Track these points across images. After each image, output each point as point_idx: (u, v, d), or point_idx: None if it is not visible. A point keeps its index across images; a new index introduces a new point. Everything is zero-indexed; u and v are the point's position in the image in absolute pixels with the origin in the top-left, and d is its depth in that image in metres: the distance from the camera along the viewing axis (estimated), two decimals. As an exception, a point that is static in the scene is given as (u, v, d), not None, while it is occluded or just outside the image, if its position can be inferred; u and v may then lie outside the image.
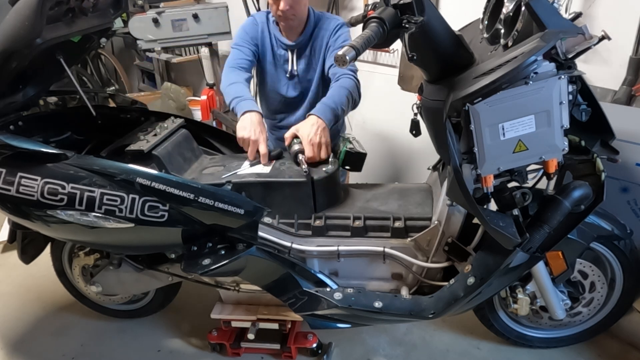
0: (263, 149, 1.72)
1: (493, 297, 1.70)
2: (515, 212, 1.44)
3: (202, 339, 2.01)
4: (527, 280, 1.62)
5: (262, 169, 1.68)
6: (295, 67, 2.04)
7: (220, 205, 1.52)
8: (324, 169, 1.66)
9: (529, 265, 1.45)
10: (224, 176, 1.66)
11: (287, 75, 2.06)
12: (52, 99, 1.99)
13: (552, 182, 1.42)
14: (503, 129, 1.26)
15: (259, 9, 2.99)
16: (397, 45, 1.33)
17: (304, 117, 1.82)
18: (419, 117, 1.55)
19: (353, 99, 1.86)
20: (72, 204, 1.51)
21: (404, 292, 1.64)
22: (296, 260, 1.65)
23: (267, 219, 1.66)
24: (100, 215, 1.52)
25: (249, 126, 1.72)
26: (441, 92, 1.33)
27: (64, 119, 1.91)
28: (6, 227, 1.93)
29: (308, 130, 1.68)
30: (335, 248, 1.64)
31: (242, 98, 1.81)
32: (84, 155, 1.66)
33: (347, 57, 1.12)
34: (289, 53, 2.02)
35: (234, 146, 1.96)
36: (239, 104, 1.80)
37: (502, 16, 1.32)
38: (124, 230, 1.54)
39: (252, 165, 1.72)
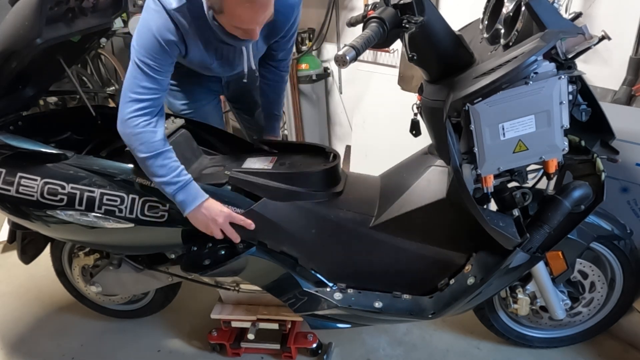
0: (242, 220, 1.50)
1: (493, 297, 1.70)
2: (516, 212, 1.44)
3: (202, 339, 2.01)
4: (527, 280, 1.63)
5: (264, 167, 1.67)
6: (252, 63, 1.66)
7: (220, 205, 1.52)
8: (323, 162, 1.67)
9: (529, 265, 1.45)
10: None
11: (244, 77, 1.71)
12: (52, 99, 2.00)
13: (552, 182, 1.42)
14: (503, 129, 1.26)
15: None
16: (397, 45, 1.33)
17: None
18: (419, 117, 1.55)
19: None
20: (71, 204, 1.52)
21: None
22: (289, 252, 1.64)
23: None
24: (100, 215, 1.52)
25: (212, 213, 1.46)
26: (441, 92, 1.33)
27: (64, 119, 1.90)
28: (6, 227, 1.93)
29: None
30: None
31: (179, 186, 1.44)
32: (84, 155, 1.66)
33: (347, 58, 1.12)
34: (244, 50, 1.61)
35: (234, 146, 1.96)
36: (177, 193, 1.44)
37: (502, 16, 1.32)
38: (123, 231, 1.55)
39: (253, 163, 1.72)
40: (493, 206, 1.47)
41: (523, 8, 1.24)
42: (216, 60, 1.62)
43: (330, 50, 3.18)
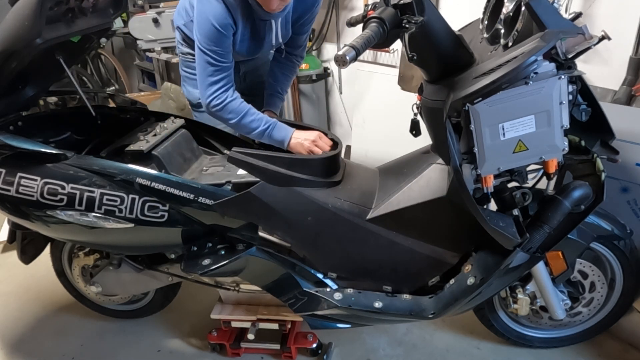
0: (327, 140, 1.70)
1: (493, 297, 1.70)
2: (515, 212, 1.44)
3: (202, 339, 2.01)
4: (527, 280, 1.62)
5: None
6: (280, 38, 1.84)
7: (220, 205, 1.52)
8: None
9: (529, 265, 1.45)
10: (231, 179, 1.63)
11: (272, 49, 1.93)
12: (52, 99, 1.99)
13: (552, 182, 1.42)
14: (503, 129, 1.26)
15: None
16: (397, 45, 1.33)
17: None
18: (419, 117, 1.55)
19: None
20: (71, 204, 1.52)
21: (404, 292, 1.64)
22: (296, 260, 1.64)
23: None
24: (100, 215, 1.52)
25: (302, 137, 1.66)
26: (441, 92, 1.33)
27: (64, 119, 1.91)
28: (6, 227, 1.93)
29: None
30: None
31: (270, 127, 1.67)
32: (84, 155, 1.66)
33: (347, 58, 1.12)
34: (273, 23, 1.78)
35: (233, 146, 1.95)
36: (272, 133, 1.68)
37: (502, 16, 1.32)
38: (123, 231, 1.55)
39: None
40: (493, 206, 1.48)
41: (523, 8, 1.24)
42: (250, 39, 1.78)
43: (330, 50, 3.19)
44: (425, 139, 1.57)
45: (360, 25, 1.28)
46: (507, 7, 1.30)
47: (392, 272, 1.59)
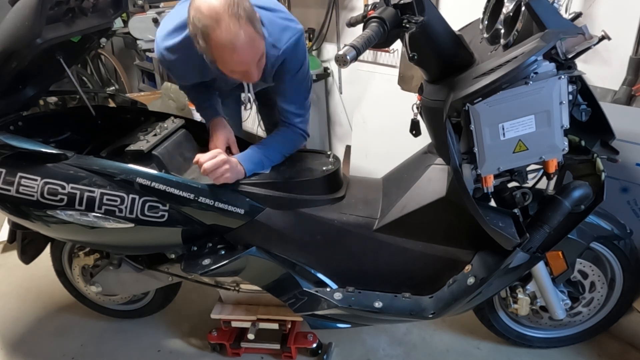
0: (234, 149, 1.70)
1: (493, 297, 1.70)
2: (516, 212, 1.44)
3: (202, 339, 2.01)
4: (527, 280, 1.63)
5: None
6: (252, 96, 1.76)
7: (220, 205, 1.52)
8: (323, 167, 1.67)
9: (529, 265, 1.45)
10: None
11: (242, 106, 1.85)
12: (52, 99, 1.99)
13: (552, 182, 1.42)
14: (503, 129, 1.26)
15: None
16: (397, 45, 1.33)
17: None
18: (419, 117, 1.55)
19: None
20: (72, 204, 1.52)
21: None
22: (296, 260, 1.64)
23: None
24: (100, 215, 1.52)
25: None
26: (441, 92, 1.33)
27: (64, 119, 1.91)
28: (6, 227, 1.93)
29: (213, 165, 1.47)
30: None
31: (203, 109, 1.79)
32: (84, 155, 1.66)
33: (348, 57, 1.12)
34: (244, 83, 1.70)
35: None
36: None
37: (502, 16, 1.32)
38: (124, 231, 1.55)
39: None
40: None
41: (523, 8, 1.24)
42: (216, 82, 1.74)
43: (330, 50, 3.18)
44: (425, 139, 1.57)
45: (360, 25, 1.28)
46: (507, 7, 1.30)
47: (409, 279, 1.59)
